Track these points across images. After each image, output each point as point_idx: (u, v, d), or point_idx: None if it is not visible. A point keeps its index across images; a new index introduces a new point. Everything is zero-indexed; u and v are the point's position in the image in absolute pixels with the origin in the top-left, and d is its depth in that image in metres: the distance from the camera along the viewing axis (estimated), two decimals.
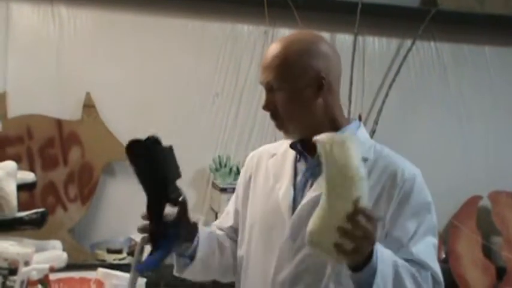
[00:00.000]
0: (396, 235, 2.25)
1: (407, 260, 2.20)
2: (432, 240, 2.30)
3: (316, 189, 2.29)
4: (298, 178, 2.42)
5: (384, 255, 2.06)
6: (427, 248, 2.26)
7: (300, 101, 2.37)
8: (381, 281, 2.02)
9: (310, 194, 2.32)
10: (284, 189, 2.37)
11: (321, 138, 2.02)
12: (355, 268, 2.02)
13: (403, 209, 2.26)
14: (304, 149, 2.45)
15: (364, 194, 1.97)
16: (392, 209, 2.26)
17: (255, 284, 2.41)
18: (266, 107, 2.39)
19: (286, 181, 2.42)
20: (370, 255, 2.00)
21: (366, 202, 1.97)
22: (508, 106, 5.46)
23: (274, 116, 2.39)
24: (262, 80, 2.39)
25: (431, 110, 5.35)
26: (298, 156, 2.48)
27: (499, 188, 5.26)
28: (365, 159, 2.29)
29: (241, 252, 2.55)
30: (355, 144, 2.01)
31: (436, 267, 2.26)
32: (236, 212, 2.69)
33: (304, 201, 2.32)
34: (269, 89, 2.37)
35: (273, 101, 2.36)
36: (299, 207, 2.32)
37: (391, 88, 5.10)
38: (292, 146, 2.48)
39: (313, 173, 2.38)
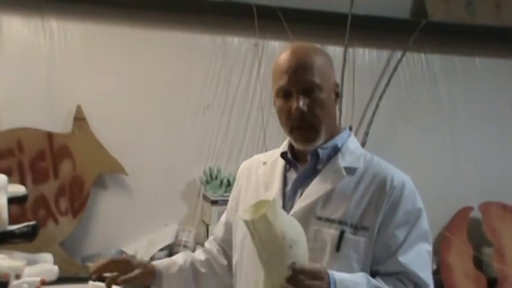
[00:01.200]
0: (385, 244, 2.25)
1: (393, 273, 2.21)
2: (424, 247, 2.30)
3: (306, 199, 2.30)
4: (288, 187, 2.43)
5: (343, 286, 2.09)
6: (416, 257, 2.25)
7: (331, 103, 2.42)
8: None
9: (299, 204, 2.33)
10: (274, 197, 2.36)
11: (242, 215, 2.04)
12: None
13: (392, 217, 2.27)
14: (295, 158, 2.46)
15: (298, 256, 2.02)
16: (381, 218, 2.27)
17: None
18: (305, 106, 2.31)
19: (276, 190, 2.42)
20: None
21: (302, 263, 2.03)
22: (498, 117, 5.48)
23: (306, 118, 2.33)
24: (298, 80, 2.34)
25: (421, 121, 5.36)
26: (287, 166, 2.48)
27: (489, 199, 5.27)
28: (354, 169, 2.36)
29: (234, 261, 2.55)
30: (276, 211, 2.03)
31: (425, 275, 2.25)
32: (227, 224, 2.69)
33: (294, 209, 2.32)
34: (308, 89, 2.33)
35: (310, 101, 2.33)
36: (289, 215, 2.30)
37: (382, 99, 5.12)
38: (282, 156, 2.48)
39: (303, 182, 2.38)
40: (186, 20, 4.95)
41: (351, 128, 4.88)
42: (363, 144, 4.89)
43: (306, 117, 2.32)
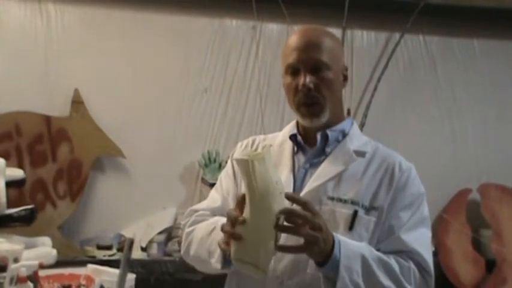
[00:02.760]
0: (389, 224, 2.26)
1: (395, 252, 2.21)
2: (425, 232, 2.32)
3: (318, 179, 2.31)
4: (297, 169, 2.43)
5: (349, 249, 2.09)
6: (418, 237, 2.26)
7: (339, 84, 2.43)
8: (346, 274, 2.05)
9: (311, 184, 2.32)
10: (284, 179, 2.35)
11: (241, 156, 2.03)
12: (321, 263, 2.06)
13: (398, 199, 2.30)
14: (304, 141, 2.46)
15: (285, 206, 2.02)
16: (389, 199, 2.28)
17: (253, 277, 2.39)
18: (312, 83, 2.33)
19: (286, 171, 2.42)
20: (332, 249, 2.05)
21: None
22: (497, 98, 5.47)
23: (313, 96, 2.35)
24: (307, 58, 2.35)
25: (420, 103, 5.36)
26: (295, 149, 2.48)
27: (488, 181, 5.27)
28: (363, 152, 2.39)
29: None
30: (270, 158, 2.05)
31: (427, 255, 2.25)
32: (224, 198, 2.63)
33: (307, 189, 2.31)
34: (316, 67, 2.34)
35: (317, 79, 2.34)
36: (301, 195, 2.29)
37: (380, 82, 5.11)
38: (291, 138, 2.49)
39: (312, 164, 2.39)
40: (183, 2, 4.94)
41: (349, 112, 4.88)
42: (362, 126, 4.89)
43: (312, 95, 2.33)
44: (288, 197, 2.02)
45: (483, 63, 5.47)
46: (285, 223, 2.00)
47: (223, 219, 2.17)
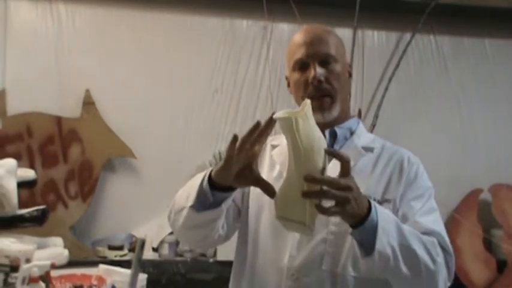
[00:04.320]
0: (403, 212, 2.25)
1: None
2: (438, 216, 2.30)
3: (330, 175, 2.31)
4: None
5: (384, 213, 2.06)
6: (434, 220, 2.24)
7: (346, 79, 2.45)
8: (384, 236, 2.02)
9: None
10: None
11: (283, 113, 2.02)
12: (357, 225, 2.02)
13: (409, 191, 2.29)
14: None
15: (327, 162, 2.00)
16: (401, 191, 2.29)
17: (267, 273, 2.36)
18: (322, 76, 2.34)
19: None
20: (368, 213, 2.01)
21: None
22: (509, 98, 5.45)
23: (323, 88, 2.35)
24: (315, 51, 2.37)
25: (431, 103, 5.34)
26: None
27: (499, 181, 5.26)
28: (371, 148, 2.39)
29: (246, 240, 2.50)
30: (311, 113, 2.03)
31: (445, 235, 2.23)
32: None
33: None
34: (324, 60, 2.36)
35: (326, 71, 2.35)
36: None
37: (391, 82, 5.10)
38: None
39: None
40: (194, 3, 4.95)
41: (360, 112, 4.87)
42: (373, 126, 4.88)
43: (323, 87, 2.34)
44: (328, 152, 1.99)
45: (494, 63, 5.45)
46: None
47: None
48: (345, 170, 1.96)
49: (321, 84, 2.32)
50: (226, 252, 4.19)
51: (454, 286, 2.27)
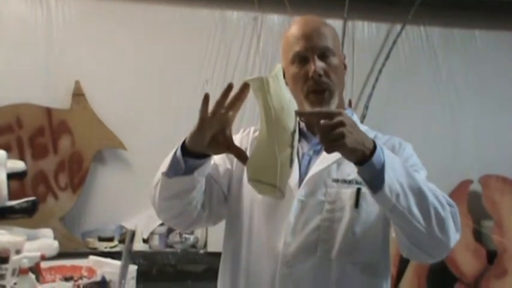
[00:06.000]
0: None
1: None
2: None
3: (322, 163, 2.31)
4: (301, 156, 2.43)
5: (391, 154, 2.06)
6: (434, 187, 2.23)
7: (342, 72, 2.46)
8: (392, 172, 2.00)
9: (316, 168, 2.32)
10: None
11: (254, 77, 2.03)
12: (362, 162, 2.00)
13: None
14: (307, 128, 2.46)
15: (297, 125, 2.04)
16: None
17: (262, 260, 2.36)
18: (322, 70, 2.33)
19: None
20: (372, 151, 2.00)
21: None
22: (498, 90, 5.46)
23: (323, 82, 2.35)
24: (314, 45, 2.37)
25: (421, 94, 5.35)
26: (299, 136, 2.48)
27: (489, 172, 5.27)
28: None
29: (240, 228, 2.49)
30: (282, 77, 2.06)
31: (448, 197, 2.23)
32: (228, 170, 2.55)
33: (312, 173, 2.31)
34: (322, 54, 2.37)
35: (325, 65, 2.36)
36: (306, 179, 2.31)
37: (381, 73, 5.11)
38: None
39: (316, 151, 2.39)
40: None
41: (350, 103, 4.88)
42: (363, 117, 4.89)
43: (323, 81, 2.34)
44: (299, 113, 2.02)
45: (484, 54, 5.47)
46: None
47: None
48: (328, 116, 1.93)
49: (321, 78, 2.32)
50: (216, 243, 4.19)
51: (444, 276, 2.28)
